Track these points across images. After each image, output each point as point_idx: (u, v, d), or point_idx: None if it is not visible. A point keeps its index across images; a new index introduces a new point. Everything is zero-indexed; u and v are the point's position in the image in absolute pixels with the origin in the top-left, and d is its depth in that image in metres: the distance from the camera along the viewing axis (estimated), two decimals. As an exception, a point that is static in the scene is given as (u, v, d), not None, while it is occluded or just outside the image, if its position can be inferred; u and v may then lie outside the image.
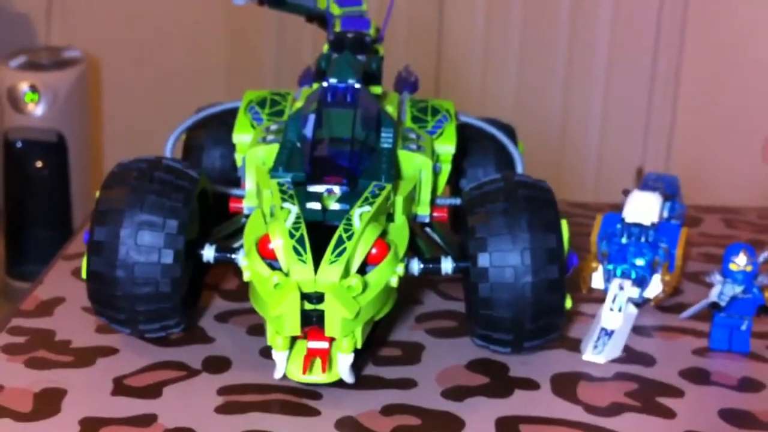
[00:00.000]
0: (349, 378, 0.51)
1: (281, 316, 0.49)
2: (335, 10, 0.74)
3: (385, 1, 0.72)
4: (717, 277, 0.59)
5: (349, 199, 0.54)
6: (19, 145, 1.61)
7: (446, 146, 0.65)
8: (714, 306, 0.59)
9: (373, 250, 0.52)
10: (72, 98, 1.68)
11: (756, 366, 0.57)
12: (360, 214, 0.52)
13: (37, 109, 1.63)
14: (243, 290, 0.62)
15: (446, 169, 0.66)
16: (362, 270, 0.51)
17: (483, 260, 0.53)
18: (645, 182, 0.71)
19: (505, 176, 0.57)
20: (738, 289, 0.58)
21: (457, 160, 0.69)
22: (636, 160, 1.65)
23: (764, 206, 0.92)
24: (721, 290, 0.58)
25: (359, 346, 0.51)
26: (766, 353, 0.59)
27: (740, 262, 0.58)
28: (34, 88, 1.62)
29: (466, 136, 0.72)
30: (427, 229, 0.63)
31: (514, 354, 0.56)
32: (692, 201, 0.89)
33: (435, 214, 0.63)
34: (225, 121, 0.68)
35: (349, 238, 0.50)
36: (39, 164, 1.63)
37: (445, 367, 0.56)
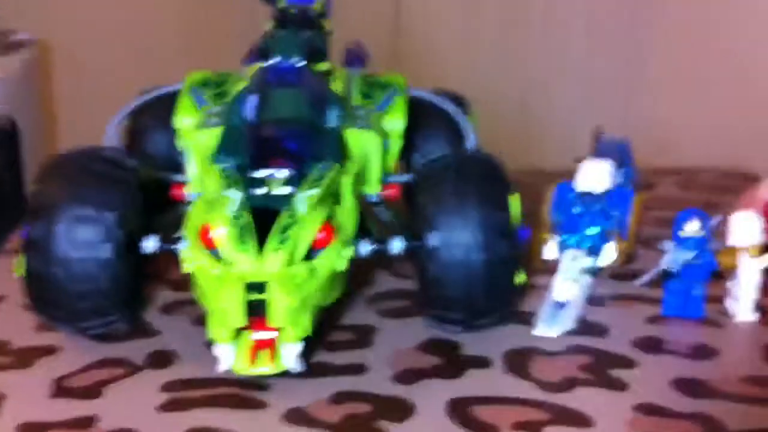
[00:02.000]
0: (297, 367, 0.50)
1: (224, 307, 0.48)
2: None
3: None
4: (669, 244, 0.58)
5: (294, 182, 0.52)
6: (-32, 133, 1.58)
7: (395, 122, 0.64)
8: (667, 273, 0.58)
9: (320, 235, 0.50)
10: (23, 83, 1.63)
11: (709, 331, 0.57)
12: (305, 197, 0.51)
13: (-14, 96, 1.59)
14: (187, 279, 0.61)
15: (396, 145, 0.65)
16: (309, 256, 0.50)
17: (432, 239, 0.52)
18: (597, 149, 0.70)
19: (455, 153, 0.56)
20: (690, 255, 0.58)
21: (409, 134, 0.67)
22: (597, 120, 1.64)
23: (720, 166, 0.92)
24: (672, 257, 0.58)
25: (308, 333, 0.49)
26: (720, 318, 0.59)
27: (692, 228, 0.58)
28: (-18, 75, 1.58)
29: (418, 109, 0.70)
30: (378, 209, 0.62)
31: (464, 332, 0.56)
32: (650, 162, 0.88)
33: (386, 193, 0.62)
34: (169, 105, 0.66)
35: (294, 223, 0.49)
36: (-10, 153, 1.59)
37: (398, 349, 0.55)
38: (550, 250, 0.63)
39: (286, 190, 0.52)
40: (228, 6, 1.77)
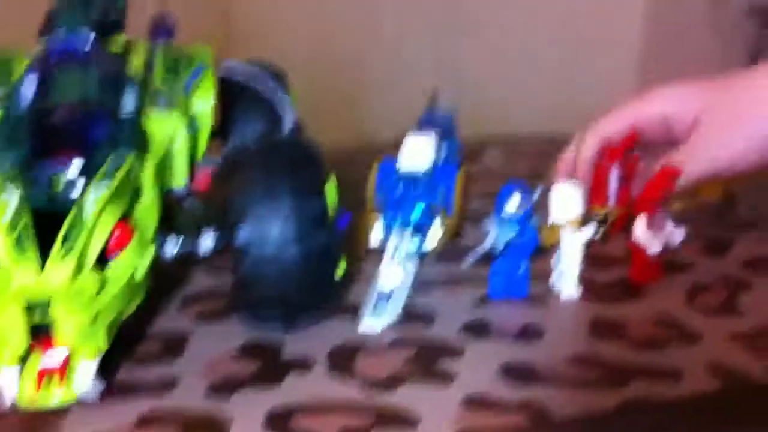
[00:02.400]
0: (94, 390, 0.45)
1: (3, 328, 0.42)
2: None
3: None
4: (491, 224, 0.57)
5: (83, 177, 0.47)
6: None
7: (203, 102, 0.59)
8: (491, 254, 0.57)
9: (114, 237, 0.45)
10: None
11: (535, 311, 0.56)
12: (95, 196, 0.46)
13: None
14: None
15: (206, 128, 0.60)
16: (103, 261, 0.45)
17: (242, 233, 0.48)
18: (420, 123, 0.68)
19: (265, 138, 0.52)
20: (512, 233, 0.56)
21: (224, 114, 0.63)
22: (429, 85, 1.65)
23: (544, 131, 0.92)
24: (495, 236, 0.56)
25: (103, 349, 0.45)
26: (546, 296, 0.58)
27: (513, 203, 0.56)
28: None
29: (232, 86, 0.66)
30: (186, 202, 0.57)
31: (287, 332, 0.52)
32: (478, 130, 0.87)
33: (195, 183, 0.57)
34: None
35: (81, 227, 0.44)
36: None
37: (213, 356, 0.51)
38: (375, 234, 0.61)
39: (74, 186, 0.46)
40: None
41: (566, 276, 0.58)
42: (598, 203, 0.59)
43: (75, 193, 0.46)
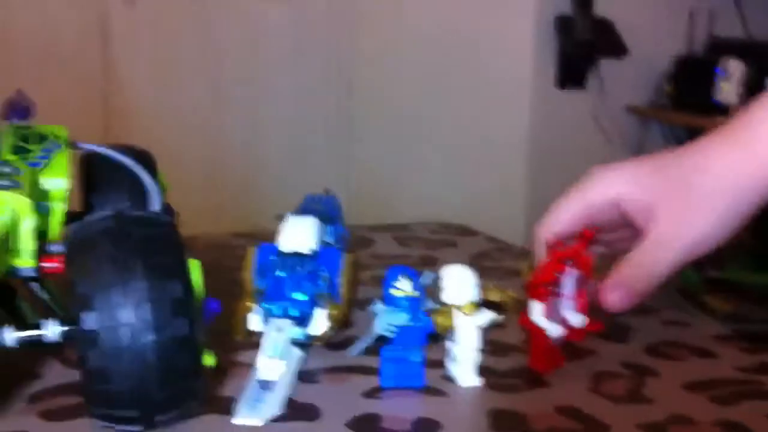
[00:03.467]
0: None
1: None
2: None
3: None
4: (379, 306, 0.52)
5: None
6: None
7: (57, 180, 0.53)
8: (381, 339, 0.52)
9: None
10: None
11: (431, 401, 0.51)
12: None
13: None
14: None
15: (60, 208, 0.54)
16: None
17: (90, 321, 0.42)
18: (302, 206, 0.64)
19: (115, 213, 0.46)
20: (404, 318, 0.52)
21: (86, 195, 0.57)
22: (310, 176, 1.63)
23: (435, 220, 0.89)
24: (386, 320, 0.52)
25: None
26: (442, 385, 0.53)
27: (404, 287, 0.52)
28: None
29: (95, 167, 0.61)
30: (33, 286, 0.50)
31: (147, 431, 0.45)
32: (364, 221, 0.83)
33: (47, 265, 0.51)
34: None
35: None
36: None
37: (59, 462, 0.43)
38: (253, 322, 0.55)
39: None
40: None
41: (462, 364, 0.53)
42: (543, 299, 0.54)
43: None
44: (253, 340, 0.54)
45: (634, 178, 0.56)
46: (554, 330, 0.55)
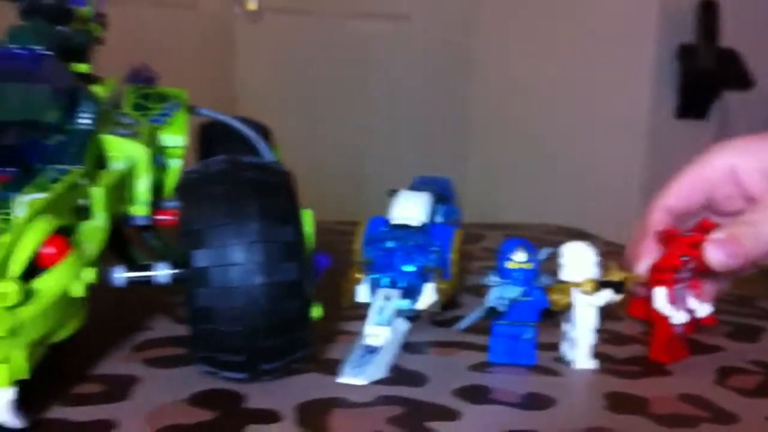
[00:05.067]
0: (12, 420, 0.37)
1: None
2: None
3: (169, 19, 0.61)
4: (493, 278, 0.50)
5: (17, 185, 0.40)
6: None
7: (175, 137, 0.54)
8: (492, 313, 0.50)
9: (47, 249, 0.38)
10: None
11: (543, 380, 0.48)
12: (26, 201, 0.39)
13: None
14: None
15: (176, 165, 0.54)
16: (32, 275, 0.38)
17: (201, 258, 0.41)
18: (414, 184, 0.63)
19: (231, 157, 0.45)
20: (518, 291, 0.49)
21: (204, 155, 0.57)
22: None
23: (546, 222, 0.86)
24: (498, 293, 0.49)
25: (23, 375, 0.37)
26: (555, 366, 0.50)
27: (518, 258, 0.50)
28: None
29: (214, 135, 0.61)
30: (146, 235, 0.51)
31: (251, 381, 0.45)
32: (475, 220, 0.82)
33: (159, 218, 0.51)
34: None
35: (5, 229, 0.37)
36: None
37: (161, 402, 0.43)
38: (361, 292, 0.54)
39: (3, 194, 0.40)
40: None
41: (579, 345, 0.50)
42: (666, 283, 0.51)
43: (2, 200, 0.40)
44: (359, 312, 0.53)
45: (751, 150, 0.53)
46: (679, 317, 0.51)
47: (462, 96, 1.74)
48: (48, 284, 0.38)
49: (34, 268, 0.38)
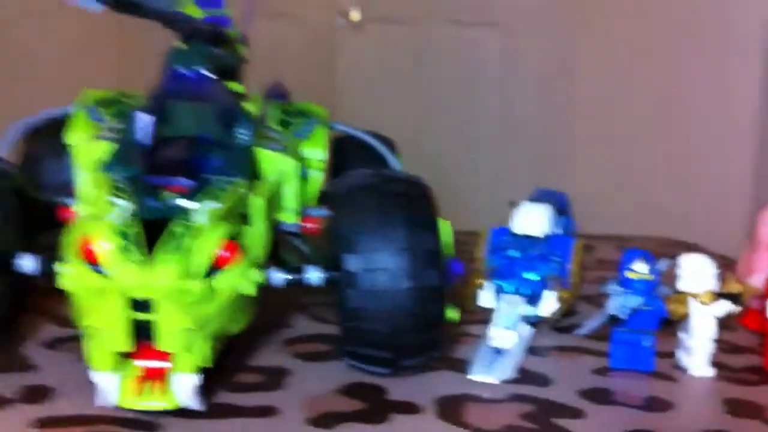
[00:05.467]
0: (194, 404, 0.42)
1: (104, 327, 0.41)
2: (194, 12, 0.67)
3: (279, 31, 0.66)
4: (615, 288, 0.53)
5: (194, 195, 0.46)
6: None
7: (316, 151, 0.58)
8: (613, 320, 0.53)
9: (222, 252, 0.44)
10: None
11: (662, 385, 0.51)
12: (205, 210, 0.44)
13: None
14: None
15: (317, 176, 0.59)
16: (209, 275, 0.43)
17: (351, 263, 0.46)
18: (534, 196, 0.66)
19: (375, 171, 0.50)
20: (638, 301, 0.52)
21: (336, 174, 0.62)
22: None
23: (660, 235, 0.88)
24: (620, 302, 0.52)
25: (206, 364, 0.42)
26: (673, 372, 0.53)
27: (640, 269, 0.53)
28: None
29: (345, 148, 0.66)
30: (295, 240, 0.56)
31: (392, 375, 0.49)
32: (587, 231, 0.84)
33: (305, 225, 0.56)
34: (62, 129, 0.59)
35: (189, 233, 0.42)
36: None
37: (314, 392, 0.47)
38: (485, 297, 0.57)
39: (183, 202, 0.45)
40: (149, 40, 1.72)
41: (697, 353, 0.53)
42: None
43: (183, 207, 0.45)
44: (479, 316, 0.57)
45: None
46: (794, 329, 0.53)
47: (565, 105, 1.75)
48: (225, 283, 0.43)
49: (211, 269, 0.43)
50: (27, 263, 0.47)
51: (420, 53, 1.82)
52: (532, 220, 0.59)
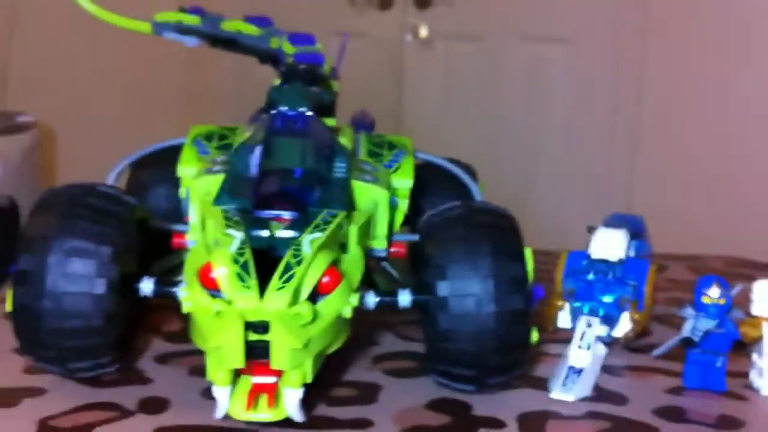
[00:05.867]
0: (298, 416, 0.47)
1: (223, 346, 0.45)
2: (288, 48, 0.71)
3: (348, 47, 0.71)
4: (689, 311, 0.56)
5: (298, 226, 0.50)
6: (-31, 209, 1.55)
7: (403, 180, 0.62)
8: (687, 342, 0.56)
9: (325, 279, 0.48)
10: (24, 163, 1.64)
11: (734, 404, 0.54)
12: (310, 240, 0.49)
13: (-13, 174, 1.58)
14: (186, 332, 0.58)
15: (403, 204, 0.63)
16: (313, 300, 0.48)
17: (442, 289, 0.50)
18: (609, 220, 0.69)
19: (464, 203, 0.54)
20: (712, 324, 0.55)
21: (415, 199, 0.66)
22: (595, 213, 1.65)
23: (730, 254, 0.90)
24: (694, 325, 0.55)
25: (309, 380, 0.46)
26: (744, 392, 0.56)
27: (713, 294, 0.55)
28: (-17, 152, 1.57)
29: (425, 175, 0.69)
30: (384, 264, 0.60)
31: (477, 392, 0.52)
32: (656, 250, 0.86)
33: (392, 250, 0.59)
34: (170, 158, 0.64)
35: (298, 263, 0.47)
36: (-10, 229, 1.57)
37: (404, 407, 0.51)
38: (563, 318, 0.61)
39: (289, 233, 0.50)
40: (231, 86, 1.79)
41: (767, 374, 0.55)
42: None
43: (290, 238, 0.49)
44: (559, 335, 0.60)
45: None
46: None
47: (633, 122, 1.76)
48: (327, 307, 0.47)
49: (316, 294, 0.47)
50: (146, 286, 0.52)
51: (487, 70, 1.84)
52: (609, 245, 0.62)
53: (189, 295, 0.48)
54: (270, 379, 0.46)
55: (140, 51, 1.73)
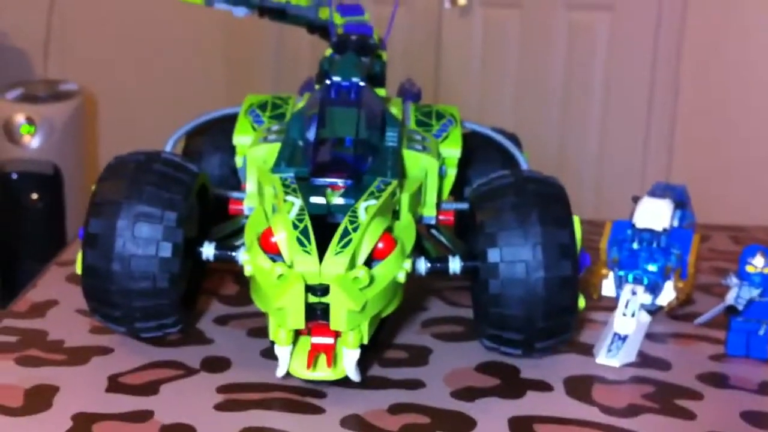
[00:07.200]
0: (354, 375, 0.49)
1: (284, 308, 0.47)
2: (338, 19, 0.73)
3: (387, 15, 0.71)
4: (733, 280, 0.57)
5: (353, 193, 0.52)
6: (14, 176, 1.59)
7: (452, 150, 0.64)
8: (730, 310, 0.57)
9: (380, 245, 0.50)
10: (68, 131, 1.67)
11: (776, 371, 0.55)
12: (366, 207, 0.50)
13: (33, 142, 1.61)
14: (242, 295, 0.60)
15: (452, 173, 0.64)
16: (368, 265, 0.50)
17: (493, 255, 0.51)
18: (654, 190, 0.70)
19: (514, 172, 0.55)
20: (755, 292, 0.56)
21: (462, 168, 0.67)
22: (634, 181, 1.65)
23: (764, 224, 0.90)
24: (737, 293, 0.56)
25: (365, 341, 0.48)
26: (785, 359, 0.57)
27: (758, 263, 0.56)
28: (30, 121, 1.61)
29: (471, 144, 0.70)
30: (433, 231, 0.61)
31: (524, 356, 0.54)
32: (697, 220, 0.87)
33: (441, 217, 0.61)
34: (224, 127, 0.66)
35: (355, 230, 0.49)
36: (34, 196, 1.61)
37: (454, 369, 0.53)
38: (608, 286, 0.62)
39: (344, 200, 0.52)
40: (269, 53, 1.81)
41: (809, 342, 0.57)
42: None
43: (345, 205, 0.51)
44: (604, 303, 0.61)
45: None
46: None
47: (674, 90, 1.74)
48: (383, 272, 0.49)
49: (371, 259, 0.49)
50: (207, 250, 0.54)
51: (527, 37, 1.83)
52: (654, 215, 0.63)
53: (250, 258, 0.50)
54: (329, 340, 0.48)
55: (179, 20, 1.76)
